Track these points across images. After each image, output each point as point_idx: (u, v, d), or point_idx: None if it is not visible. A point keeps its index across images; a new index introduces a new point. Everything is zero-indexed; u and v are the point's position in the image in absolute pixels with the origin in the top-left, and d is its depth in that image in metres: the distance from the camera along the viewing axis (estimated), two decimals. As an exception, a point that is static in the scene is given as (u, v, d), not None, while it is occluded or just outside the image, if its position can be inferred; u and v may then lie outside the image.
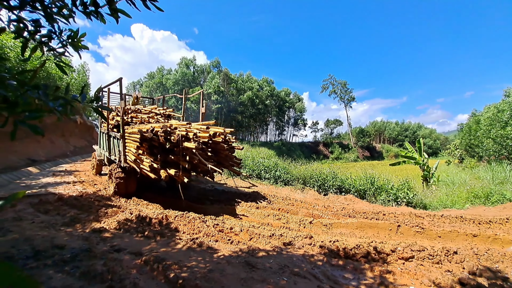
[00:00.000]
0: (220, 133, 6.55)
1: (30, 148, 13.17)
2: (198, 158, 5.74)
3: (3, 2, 1.84)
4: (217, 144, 6.47)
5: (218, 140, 6.46)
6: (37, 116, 1.72)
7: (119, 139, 6.80)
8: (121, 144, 6.67)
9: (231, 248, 4.03)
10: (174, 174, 5.61)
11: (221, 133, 6.58)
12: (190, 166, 5.91)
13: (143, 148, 5.90)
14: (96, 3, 1.95)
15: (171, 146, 5.86)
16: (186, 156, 5.87)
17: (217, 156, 6.59)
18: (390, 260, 3.99)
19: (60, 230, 4.20)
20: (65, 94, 2.12)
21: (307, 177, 11.01)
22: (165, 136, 5.83)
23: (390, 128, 78.84)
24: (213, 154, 6.40)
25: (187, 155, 5.87)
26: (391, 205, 8.67)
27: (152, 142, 5.89)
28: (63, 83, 18.19)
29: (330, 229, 5.61)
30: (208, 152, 6.12)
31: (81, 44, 2.59)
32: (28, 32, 2.37)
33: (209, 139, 6.26)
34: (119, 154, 6.92)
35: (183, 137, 5.84)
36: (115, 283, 2.67)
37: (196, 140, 5.99)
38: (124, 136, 6.58)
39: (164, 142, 5.83)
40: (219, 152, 6.63)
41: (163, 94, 51.63)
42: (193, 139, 5.97)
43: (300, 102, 66.90)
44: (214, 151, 6.49)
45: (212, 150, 6.41)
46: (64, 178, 9.18)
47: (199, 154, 5.80)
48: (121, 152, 6.72)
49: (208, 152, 6.12)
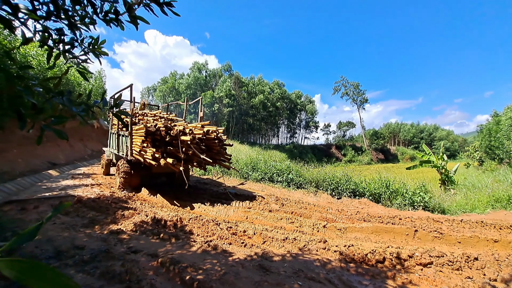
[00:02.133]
0: (212, 131, 7.51)
1: (51, 152, 13.70)
2: (193, 150, 6.73)
3: (31, 12, 1.94)
4: (210, 140, 7.41)
5: (210, 137, 7.40)
6: (61, 121, 1.80)
7: (127, 136, 7.71)
8: (128, 140, 7.59)
9: (245, 251, 4.03)
10: (171, 163, 6.35)
11: (213, 131, 7.53)
12: (186, 157, 6.82)
13: (147, 142, 6.80)
14: (117, 11, 2.03)
15: (170, 139, 6.83)
16: (182, 148, 6.75)
17: (210, 152, 7.47)
18: (407, 266, 3.88)
19: (79, 231, 4.33)
20: (87, 100, 2.20)
21: (320, 180, 10.88)
22: (166, 131, 6.87)
23: (405, 130, 76.85)
24: (206, 149, 7.32)
25: (183, 147, 6.76)
26: (407, 209, 8.42)
27: (155, 136, 6.88)
28: (81, 89, 18.88)
29: (345, 233, 5.51)
30: (202, 146, 7.09)
31: (101, 50, 2.69)
32: (53, 40, 2.48)
33: (203, 135, 7.23)
34: (127, 149, 7.80)
35: (181, 132, 6.87)
36: (133, 283, 2.72)
37: (192, 135, 6.91)
38: (131, 133, 7.46)
39: (165, 136, 6.83)
40: (212, 147, 7.54)
41: (176, 98, 52.78)
42: (189, 134, 6.93)
43: (311, 104, 66.47)
44: (207, 147, 7.41)
45: (206, 146, 7.35)
46: (82, 180, 9.48)
47: (194, 148, 6.78)
48: (128, 147, 7.63)
49: (202, 146, 7.09)
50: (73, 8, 2.26)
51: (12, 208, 5.76)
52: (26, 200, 6.33)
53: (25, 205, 5.94)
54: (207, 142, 7.37)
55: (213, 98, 48.12)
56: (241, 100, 52.40)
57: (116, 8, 2.02)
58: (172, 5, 2.03)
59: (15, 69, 2.00)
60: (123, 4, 1.96)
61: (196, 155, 6.72)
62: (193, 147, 6.76)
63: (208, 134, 7.36)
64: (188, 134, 6.86)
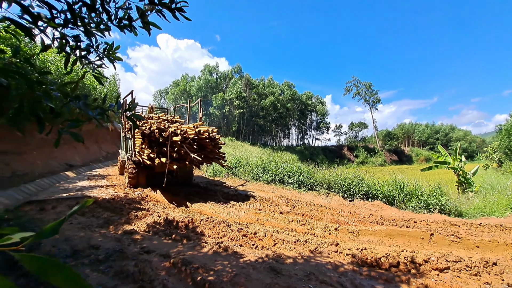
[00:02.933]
0: (204, 131, 7.81)
1: (68, 154, 14.17)
2: (185, 150, 7.08)
3: (50, 20, 2.02)
4: (202, 140, 7.70)
5: (203, 136, 7.69)
6: (78, 125, 1.86)
7: (131, 138, 8.27)
8: (132, 142, 8.15)
9: (256, 253, 4.02)
10: (164, 162, 6.89)
11: (205, 131, 7.83)
12: (178, 156, 7.29)
13: (145, 143, 7.48)
14: (130, 17, 2.08)
15: (163, 140, 7.23)
16: (174, 148, 7.17)
17: (203, 150, 7.86)
18: (423, 271, 3.76)
19: (95, 231, 4.45)
20: (102, 104, 2.27)
21: (331, 182, 10.75)
22: (159, 133, 7.29)
23: (420, 131, 74.85)
24: (199, 148, 7.67)
25: (176, 147, 7.16)
26: (422, 212, 8.19)
27: (151, 137, 7.42)
28: (96, 93, 19.46)
29: (357, 236, 5.41)
30: (194, 146, 7.39)
31: (115, 55, 2.78)
32: (70, 47, 2.58)
33: (195, 135, 7.54)
34: (131, 150, 8.38)
35: (173, 133, 7.21)
36: (145, 283, 2.77)
37: (184, 135, 7.25)
38: (134, 135, 8.05)
39: (158, 137, 7.26)
40: (205, 146, 7.89)
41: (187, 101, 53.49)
42: (181, 135, 7.19)
43: (322, 105, 65.88)
44: (200, 146, 7.76)
45: (198, 145, 7.69)
46: (97, 182, 9.74)
47: (187, 147, 7.12)
48: (132, 149, 8.19)
49: (194, 146, 7.39)
50: (89, 16, 2.34)
51: (32, 208, 5.99)
52: (45, 201, 6.57)
53: (44, 205, 6.16)
54: (199, 141, 7.71)
55: (223, 100, 48.51)
56: (252, 102, 52.57)
57: (130, 15, 2.08)
58: (183, 10, 2.07)
59: (35, 75, 2.09)
60: (136, 10, 2.01)
61: (188, 153, 7.05)
62: (186, 147, 7.10)
63: (200, 134, 7.68)
64: (180, 135, 7.18)
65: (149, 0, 1.96)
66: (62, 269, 0.59)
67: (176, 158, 7.29)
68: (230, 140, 40.50)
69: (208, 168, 14.79)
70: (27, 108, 1.73)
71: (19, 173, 9.24)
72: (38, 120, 1.82)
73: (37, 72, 2.08)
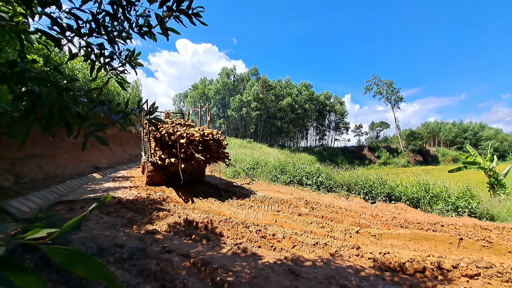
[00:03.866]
0: (208, 133, 8.54)
1: (95, 156, 14.91)
2: (190, 151, 7.89)
3: (76, 30, 2.14)
4: (206, 141, 8.45)
5: (207, 138, 8.43)
6: (103, 128, 1.95)
7: (148, 141, 9.22)
8: (148, 145, 9.05)
9: (274, 255, 4.00)
10: (173, 162, 7.76)
11: (209, 133, 8.56)
12: (185, 156, 8.01)
13: (157, 146, 8.36)
14: (150, 24, 2.16)
15: (172, 143, 8.04)
16: (182, 149, 7.92)
17: (208, 151, 8.56)
18: (451, 277, 3.57)
19: (119, 231, 4.63)
20: (125, 108, 2.36)
21: (351, 183, 10.46)
22: (168, 136, 8.09)
23: (446, 130, 71.10)
24: (204, 149, 8.41)
25: (182, 149, 7.92)
26: (450, 215, 7.74)
27: (162, 141, 8.26)
28: (120, 98, 20.35)
29: (380, 240, 5.23)
30: (199, 147, 8.18)
31: (137, 62, 2.89)
32: (95, 55, 2.71)
33: (200, 138, 8.29)
34: (148, 152, 9.25)
35: (180, 136, 8.00)
36: (167, 282, 2.84)
37: (190, 138, 8.06)
38: (149, 139, 8.90)
39: (168, 140, 8.04)
40: (209, 147, 8.58)
41: (205, 103, 54.57)
42: (186, 137, 8.00)
43: (341, 105, 64.50)
44: (205, 147, 8.49)
45: (204, 146, 8.43)
46: (121, 183, 10.15)
47: (192, 148, 7.95)
48: (148, 151, 9.03)
49: (199, 147, 8.18)
50: (112, 24, 2.46)
51: (62, 208, 6.35)
52: (74, 201, 6.94)
53: (73, 205, 6.51)
54: (204, 143, 8.46)
55: (241, 102, 48.89)
56: (269, 103, 52.56)
57: (149, 22, 2.16)
58: (200, 16, 2.11)
59: (64, 82, 2.22)
60: (155, 17, 2.08)
61: (194, 154, 7.83)
62: (192, 148, 7.94)
63: (205, 136, 8.42)
64: (186, 138, 7.97)
65: (167, 7, 2.02)
66: (86, 259, 0.63)
67: (184, 158, 8.05)
68: (248, 141, 40.73)
69: (226, 170, 14.94)
70: (56, 113, 1.83)
71: (51, 175, 9.84)
72: (66, 124, 1.93)
73: (66, 79, 2.21)
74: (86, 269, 0.62)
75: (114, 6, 2.09)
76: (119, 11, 2.29)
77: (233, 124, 53.98)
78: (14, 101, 2.02)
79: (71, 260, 0.62)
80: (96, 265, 0.63)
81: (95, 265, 0.63)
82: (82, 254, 0.63)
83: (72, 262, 0.62)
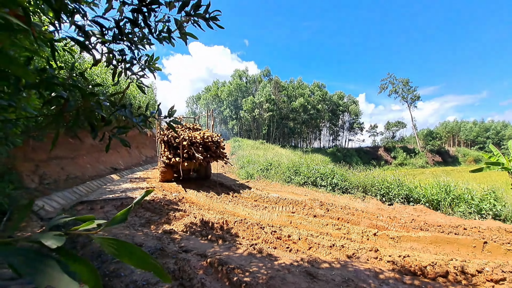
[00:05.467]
0: (208, 136, 9.77)
1: (113, 158, 15.38)
2: (192, 151, 9.14)
3: (101, 37, 2.23)
4: (206, 143, 9.66)
5: (207, 140, 9.64)
6: (126, 131, 2.03)
7: (159, 143, 10.36)
8: (159, 146, 10.37)
9: (291, 256, 3.99)
10: (178, 161, 9.07)
11: (208, 136, 9.78)
12: (188, 156, 9.24)
13: (166, 147, 9.67)
14: (169, 29, 2.22)
15: (177, 145, 9.30)
16: (184, 150, 9.21)
17: (209, 151, 9.75)
18: (476, 282, 3.43)
19: (138, 230, 4.76)
20: (145, 112, 2.44)
21: (367, 184, 10.25)
22: (173, 139, 9.38)
23: (467, 129, 68.25)
24: (204, 150, 9.59)
25: (185, 149, 9.20)
26: (473, 218, 7.43)
27: (169, 143, 9.56)
28: (136, 102, 20.91)
29: (398, 242, 5.09)
30: (200, 148, 9.39)
31: (155, 66, 2.97)
32: (116, 60, 2.82)
33: (201, 140, 9.53)
34: (160, 153, 10.46)
35: (183, 139, 9.23)
36: (185, 281, 2.90)
37: (192, 140, 9.30)
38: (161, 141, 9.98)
39: (173, 142, 9.35)
40: (209, 148, 9.76)
41: (218, 105, 55.11)
42: (188, 140, 9.23)
43: (355, 104, 63.36)
44: (205, 148, 9.69)
45: (204, 147, 9.65)
46: (138, 184, 10.42)
47: (194, 149, 9.20)
48: (160, 152, 10.33)
49: (200, 148, 9.39)
50: (132, 30, 2.55)
51: (83, 207, 6.60)
52: (94, 201, 7.20)
53: (93, 205, 6.75)
54: (205, 144, 9.66)
55: (253, 103, 49.01)
56: (281, 104, 52.39)
57: (169, 27, 2.22)
58: (217, 19, 2.16)
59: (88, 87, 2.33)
60: (175, 23, 2.14)
61: (194, 154, 9.08)
62: (193, 149, 9.21)
63: (205, 139, 9.63)
64: (187, 140, 9.20)
65: (185, 12, 2.07)
66: (134, 250, 0.67)
67: (187, 158, 9.28)
68: (261, 143, 40.70)
69: (240, 171, 15.02)
70: (83, 117, 1.92)
71: (72, 176, 10.24)
72: (91, 127, 2.01)
73: (92, 85, 2.30)
74: (134, 259, 0.66)
75: (135, 13, 2.17)
76: (139, 17, 2.37)
77: (246, 126, 54.16)
78: (44, 105, 2.14)
79: (120, 251, 0.66)
80: (143, 255, 0.67)
81: (143, 255, 0.67)
82: (131, 245, 0.67)
83: (122, 253, 0.66)
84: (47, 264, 0.53)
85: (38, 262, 0.52)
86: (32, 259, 0.52)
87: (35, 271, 0.50)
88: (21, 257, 0.51)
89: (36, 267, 0.51)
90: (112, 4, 2.22)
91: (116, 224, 0.78)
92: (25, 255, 0.52)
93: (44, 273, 0.51)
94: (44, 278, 0.50)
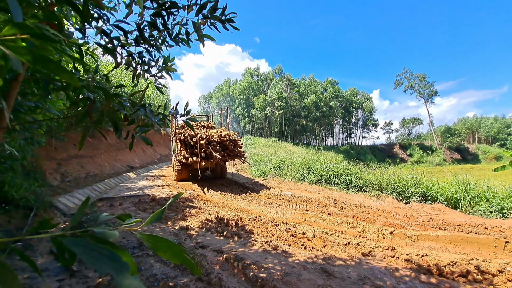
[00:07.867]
0: (225, 134, 9.54)
1: (129, 157, 15.83)
2: (209, 150, 8.91)
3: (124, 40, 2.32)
4: (224, 142, 9.41)
5: (224, 139, 9.39)
6: (148, 129, 2.11)
7: (175, 142, 10.25)
8: (175, 145, 10.28)
9: (306, 253, 4.01)
10: (195, 160, 8.89)
11: (226, 134, 9.55)
12: (205, 155, 9.11)
13: (182, 146, 9.46)
14: (188, 32, 2.29)
15: (194, 144, 9.12)
16: (202, 149, 8.98)
17: (226, 150, 9.53)
18: (497, 283, 3.33)
19: (156, 226, 4.92)
20: (163, 111, 2.52)
21: (383, 182, 10.06)
22: (191, 138, 9.15)
23: (487, 125, 65.44)
24: (221, 149, 9.33)
25: (202, 148, 8.98)
26: (494, 217, 7.16)
27: (185, 142, 9.36)
28: (149, 101, 21.39)
29: (416, 241, 5.00)
30: (217, 147, 9.14)
31: (171, 68, 3.06)
32: (135, 62, 2.92)
33: (218, 138, 9.26)
34: (175, 152, 10.44)
35: (200, 138, 9.00)
36: (202, 276, 2.98)
37: (209, 139, 9.06)
38: (176, 140, 9.90)
39: (190, 141, 9.13)
40: (226, 147, 9.54)
41: (230, 104, 55.44)
42: (206, 139, 8.99)
43: (368, 101, 62.06)
44: (222, 147, 9.43)
45: (221, 146, 9.38)
46: (154, 182, 10.70)
47: (212, 148, 8.95)
48: (175, 150, 10.29)
49: (217, 147, 9.14)
50: (151, 34, 2.63)
51: (103, 204, 6.86)
52: (113, 198, 7.46)
53: (112, 202, 7.00)
54: (222, 143, 9.40)
55: (265, 101, 48.97)
56: (293, 102, 52.09)
57: (187, 30, 2.28)
58: (232, 21, 2.20)
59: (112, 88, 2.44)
60: (193, 26, 2.20)
61: (212, 153, 8.88)
62: (211, 148, 8.96)
63: (222, 137, 9.39)
64: (205, 139, 8.97)
65: (203, 15, 2.13)
66: (170, 245, 0.72)
67: (204, 157, 9.15)
68: (273, 141, 40.68)
69: (252, 169, 15.10)
70: (107, 116, 2.02)
71: (91, 174, 10.63)
72: (115, 126, 2.11)
73: (115, 86, 2.41)
74: (170, 253, 0.72)
75: (154, 17, 2.25)
76: (156, 21, 2.45)
77: (258, 124, 54.23)
78: (71, 106, 2.26)
79: (157, 245, 0.71)
80: (178, 250, 0.72)
81: (177, 250, 0.72)
82: (167, 241, 0.72)
83: (159, 247, 0.71)
84: (103, 253, 0.59)
85: (97, 252, 0.59)
86: (91, 249, 0.59)
87: (95, 259, 0.56)
88: (81, 247, 0.57)
89: (94, 256, 0.57)
90: (132, 9, 2.30)
91: (154, 221, 0.85)
92: (84, 246, 0.58)
93: (103, 262, 0.57)
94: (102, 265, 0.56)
